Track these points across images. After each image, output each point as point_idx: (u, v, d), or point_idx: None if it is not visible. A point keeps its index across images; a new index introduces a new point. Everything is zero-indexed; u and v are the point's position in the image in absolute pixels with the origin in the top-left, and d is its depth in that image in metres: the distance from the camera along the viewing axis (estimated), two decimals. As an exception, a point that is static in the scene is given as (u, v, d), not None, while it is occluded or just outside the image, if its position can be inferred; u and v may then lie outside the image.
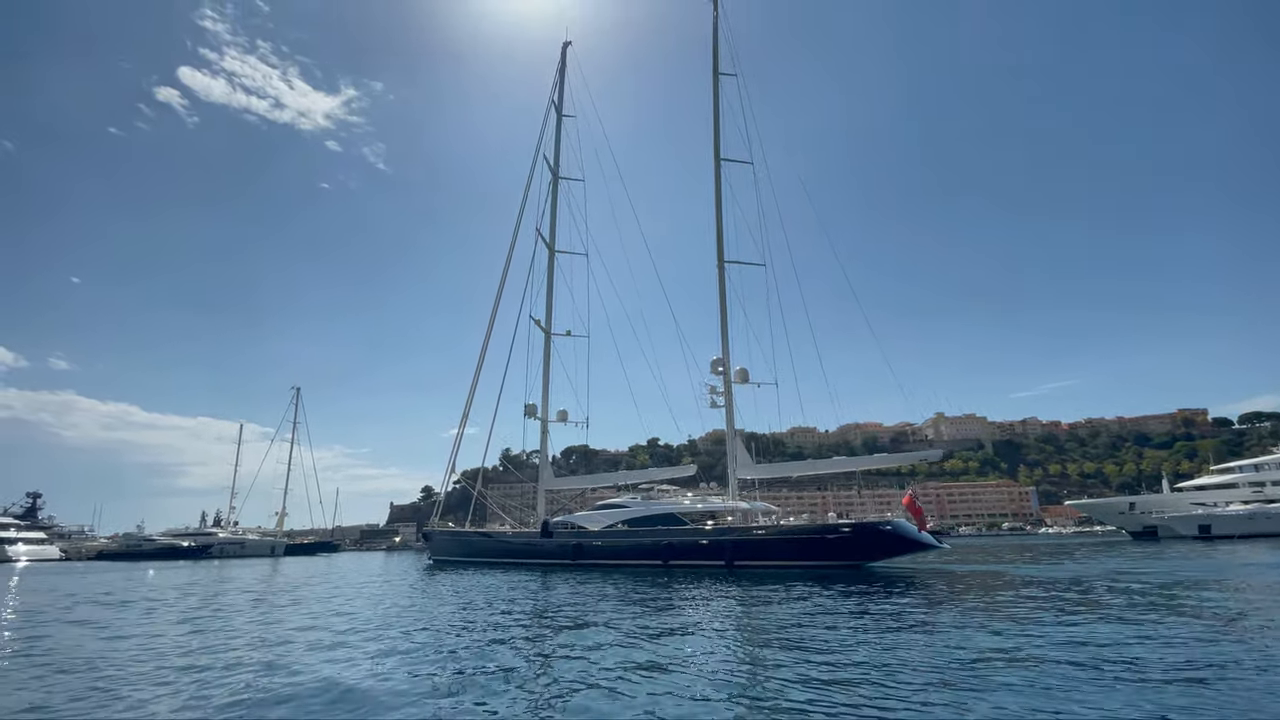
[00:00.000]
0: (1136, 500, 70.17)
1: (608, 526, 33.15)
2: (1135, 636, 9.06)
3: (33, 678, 8.06)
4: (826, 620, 11.40)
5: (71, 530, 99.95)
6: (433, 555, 44.00)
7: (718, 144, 38.36)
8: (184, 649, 10.04)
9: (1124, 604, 12.77)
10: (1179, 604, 12.62)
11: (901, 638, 9.49)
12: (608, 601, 15.35)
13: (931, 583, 18.67)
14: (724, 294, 36.48)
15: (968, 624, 10.60)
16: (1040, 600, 13.65)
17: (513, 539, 38.73)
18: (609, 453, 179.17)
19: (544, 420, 42.97)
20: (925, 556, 29.48)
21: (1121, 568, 22.72)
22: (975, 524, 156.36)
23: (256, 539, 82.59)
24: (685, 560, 28.82)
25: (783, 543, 27.67)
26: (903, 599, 14.51)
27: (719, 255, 37.05)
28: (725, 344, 36.08)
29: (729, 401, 35.29)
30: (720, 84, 39.33)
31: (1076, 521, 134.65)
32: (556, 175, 46.64)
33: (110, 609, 16.70)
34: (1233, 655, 7.72)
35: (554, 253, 45.60)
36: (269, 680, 7.53)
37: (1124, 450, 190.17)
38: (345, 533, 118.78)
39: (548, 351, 43.95)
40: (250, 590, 22.74)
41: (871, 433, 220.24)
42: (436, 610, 14.57)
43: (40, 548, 75.68)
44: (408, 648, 9.66)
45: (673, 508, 32.97)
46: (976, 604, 13.41)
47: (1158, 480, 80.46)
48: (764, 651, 8.83)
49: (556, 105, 47.39)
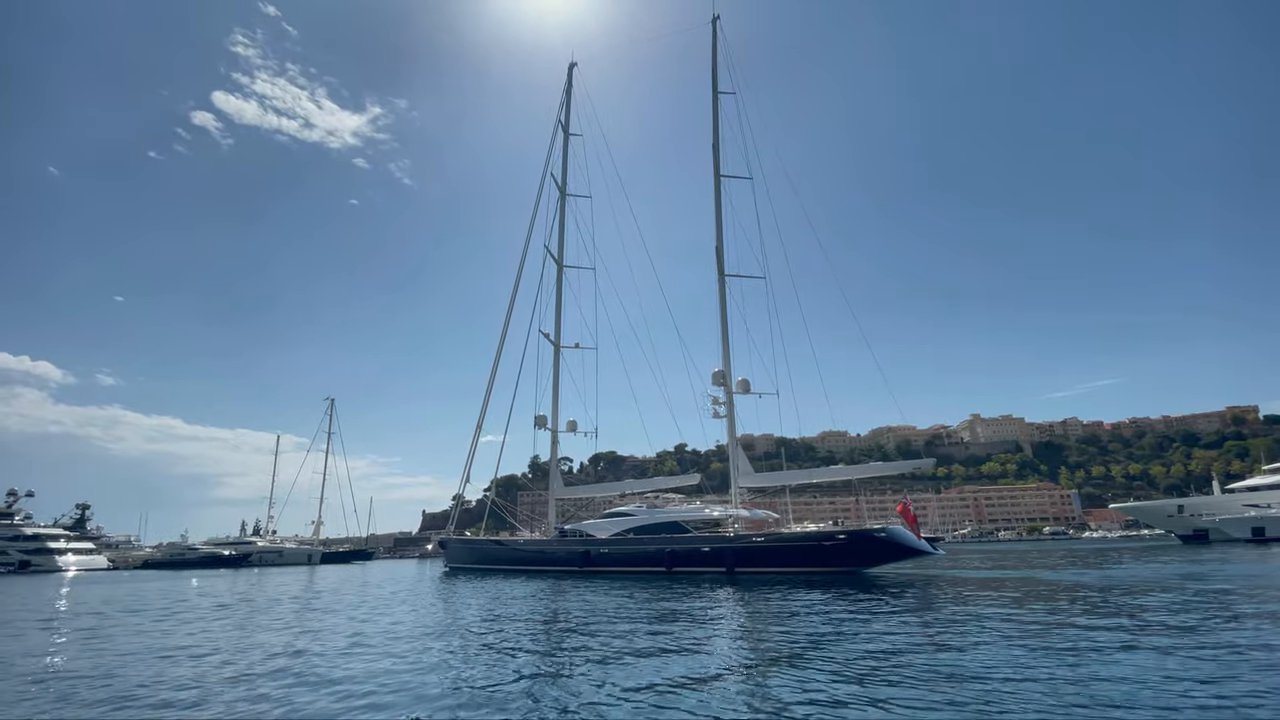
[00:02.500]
0: (1185, 502, 67.44)
1: (615, 534, 33.84)
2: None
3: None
4: (786, 623, 11.14)
5: (118, 540, 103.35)
6: (448, 563, 45.14)
7: (717, 161, 39.30)
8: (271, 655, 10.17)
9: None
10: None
11: (848, 647, 9.19)
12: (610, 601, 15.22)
13: (925, 590, 18.12)
14: (725, 307, 37.13)
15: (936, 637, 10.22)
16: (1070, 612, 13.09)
17: (524, 546, 39.72)
18: (636, 459, 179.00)
19: (554, 431, 43.95)
20: (923, 562, 29.64)
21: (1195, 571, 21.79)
22: (1015, 528, 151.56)
23: (294, 547, 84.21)
24: (688, 567, 29.61)
25: (782, 550, 28.26)
26: (871, 602, 14.10)
27: (719, 269, 37.68)
28: (726, 356, 36.69)
29: (730, 412, 36.01)
30: (720, 102, 40.27)
31: (1122, 525, 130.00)
32: (564, 193, 47.56)
33: (163, 620, 17.10)
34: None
35: (562, 268, 46.43)
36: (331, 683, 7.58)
37: (1171, 450, 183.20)
38: (379, 541, 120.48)
39: (557, 364, 44.83)
40: (298, 598, 23.12)
41: (905, 436, 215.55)
42: (464, 613, 14.63)
43: (89, 558, 78.20)
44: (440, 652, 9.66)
45: (677, 515, 33.56)
46: (953, 615, 12.94)
47: (1207, 481, 77.35)
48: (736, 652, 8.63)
49: (563, 125, 48.45)
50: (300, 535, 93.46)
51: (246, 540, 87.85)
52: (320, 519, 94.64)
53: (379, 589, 26.43)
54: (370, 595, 22.78)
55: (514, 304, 44.87)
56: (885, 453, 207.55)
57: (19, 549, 72.50)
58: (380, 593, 24.00)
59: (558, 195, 47.42)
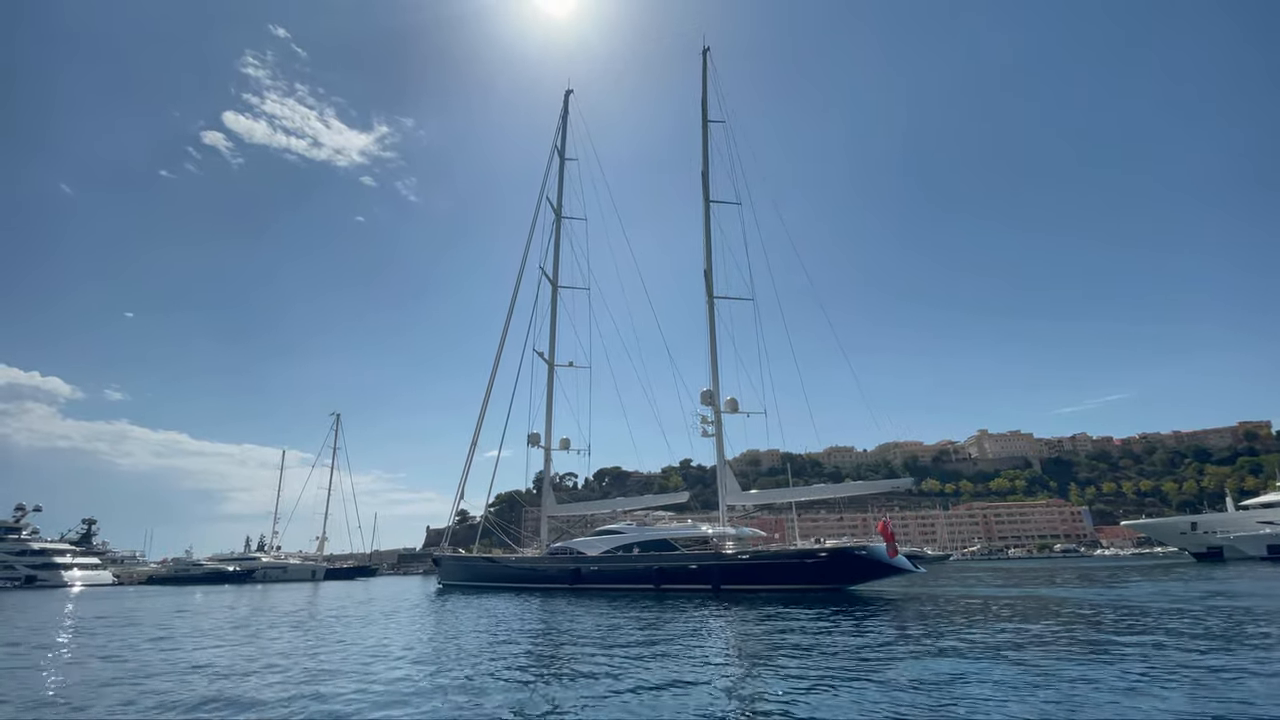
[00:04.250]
0: (1199, 519, 66.45)
1: (605, 552, 34.09)
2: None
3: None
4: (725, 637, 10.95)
5: (124, 555, 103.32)
6: (442, 580, 45.48)
7: (706, 188, 40.36)
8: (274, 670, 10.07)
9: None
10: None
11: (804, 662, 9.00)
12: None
13: (902, 607, 17.82)
14: (713, 329, 37.85)
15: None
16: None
17: (515, 564, 40.15)
18: (641, 474, 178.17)
19: (547, 449, 44.52)
20: (913, 579, 30.04)
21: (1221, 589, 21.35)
22: (1025, 546, 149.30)
23: (298, 563, 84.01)
24: (675, 584, 29.97)
25: (766, 567, 28.65)
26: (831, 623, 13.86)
27: (708, 292, 38.35)
28: (715, 376, 37.23)
29: (719, 431, 36.44)
30: (710, 130, 41.52)
31: (1135, 543, 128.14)
32: (560, 215, 48.51)
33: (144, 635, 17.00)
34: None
35: (557, 288, 47.26)
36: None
37: (1183, 467, 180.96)
38: (383, 556, 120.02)
39: (551, 382, 45.47)
40: (299, 610, 22.97)
41: (912, 451, 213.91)
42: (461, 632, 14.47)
43: (94, 573, 78.26)
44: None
45: (666, 534, 33.82)
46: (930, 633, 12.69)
47: (1220, 498, 76.33)
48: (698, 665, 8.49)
49: (559, 150, 49.58)
50: (304, 551, 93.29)
51: (251, 556, 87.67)
52: (324, 535, 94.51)
53: (368, 607, 26.18)
54: (358, 614, 22.58)
55: (509, 323, 45.96)
56: (892, 468, 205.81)
57: (25, 564, 72.60)
58: (367, 611, 23.77)
59: (553, 218, 48.51)
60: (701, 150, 41.26)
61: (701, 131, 41.59)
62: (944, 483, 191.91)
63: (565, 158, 49.73)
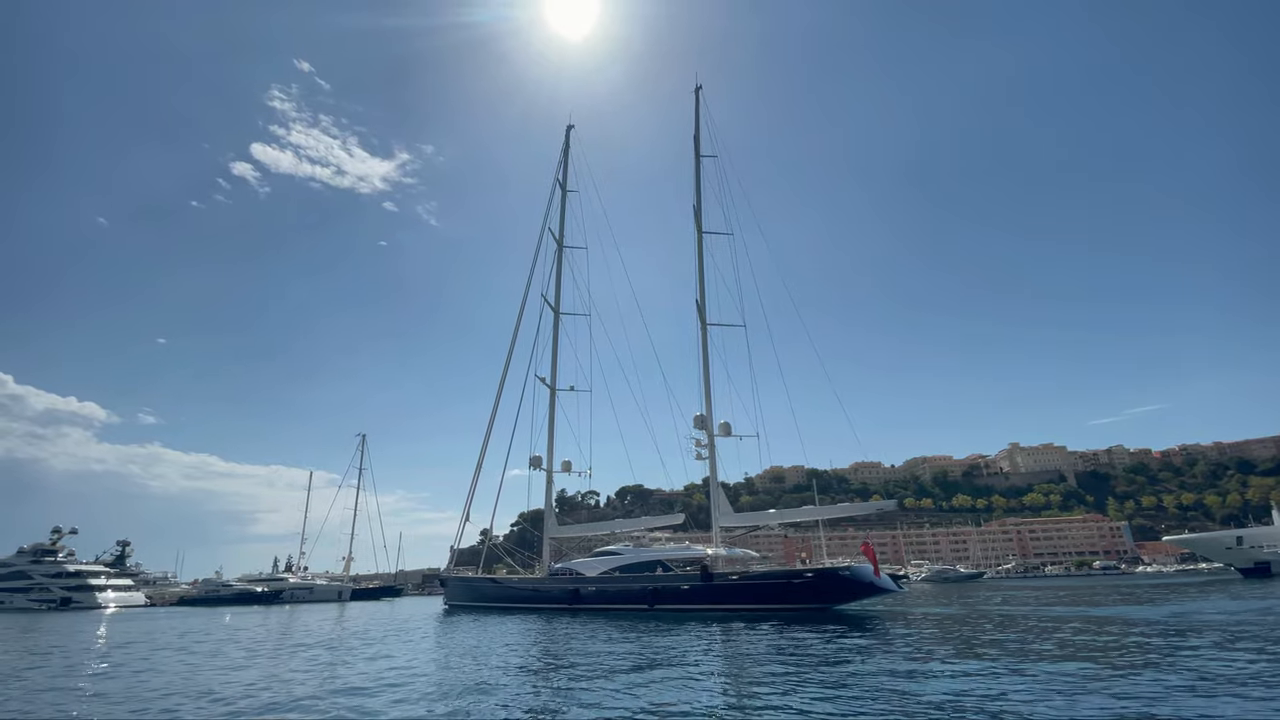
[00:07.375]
0: (1245, 533, 63.76)
1: (602, 573, 34.66)
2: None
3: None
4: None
5: (156, 576, 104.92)
6: (448, 600, 45.97)
7: (699, 221, 41.57)
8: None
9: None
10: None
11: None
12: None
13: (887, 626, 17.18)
14: (706, 355, 38.80)
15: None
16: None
17: (518, 585, 40.73)
18: (664, 492, 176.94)
19: (549, 471, 45.20)
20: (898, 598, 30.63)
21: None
22: (1062, 563, 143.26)
23: (324, 584, 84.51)
24: (668, 604, 30.26)
25: (754, 588, 29.07)
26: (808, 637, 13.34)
27: (701, 320, 39.24)
28: (708, 401, 38.01)
29: (712, 454, 37.15)
30: (702, 164, 43.01)
31: (1177, 559, 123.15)
32: (561, 245, 49.78)
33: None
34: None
35: (559, 315, 48.28)
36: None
37: (1225, 479, 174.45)
38: (408, 577, 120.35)
39: (553, 406, 46.36)
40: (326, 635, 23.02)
41: (941, 466, 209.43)
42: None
43: (127, 594, 79.45)
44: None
45: (661, 555, 34.44)
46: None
47: (1266, 511, 73.28)
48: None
49: (561, 183, 51.30)
50: (331, 571, 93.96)
51: (279, 577, 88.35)
52: (351, 555, 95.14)
53: (385, 628, 26.15)
54: (374, 634, 22.53)
55: (513, 349, 47.19)
56: (921, 484, 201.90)
57: (61, 586, 74.10)
58: (379, 632, 23.72)
59: (555, 247, 49.86)
60: (695, 185, 42.67)
61: (695, 166, 43.06)
62: (975, 498, 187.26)
63: (566, 189, 51.41)
